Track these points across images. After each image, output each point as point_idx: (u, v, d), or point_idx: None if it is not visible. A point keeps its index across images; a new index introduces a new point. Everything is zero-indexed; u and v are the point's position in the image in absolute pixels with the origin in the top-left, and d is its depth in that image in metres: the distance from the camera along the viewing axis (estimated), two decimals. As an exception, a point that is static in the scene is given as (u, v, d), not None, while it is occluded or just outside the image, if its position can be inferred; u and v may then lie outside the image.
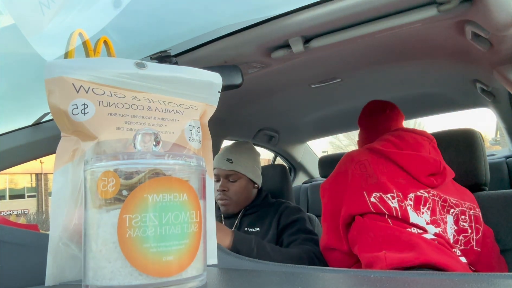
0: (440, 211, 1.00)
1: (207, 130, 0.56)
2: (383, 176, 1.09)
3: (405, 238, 0.94)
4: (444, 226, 0.99)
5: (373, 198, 1.06)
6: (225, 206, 1.45)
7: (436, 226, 0.97)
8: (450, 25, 0.93)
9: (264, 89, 1.45)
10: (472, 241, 0.99)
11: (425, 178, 1.06)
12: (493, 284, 0.35)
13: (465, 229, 0.99)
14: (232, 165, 1.46)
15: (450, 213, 1.02)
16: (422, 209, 0.99)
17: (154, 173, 0.37)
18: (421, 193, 1.03)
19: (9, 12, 0.76)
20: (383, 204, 1.03)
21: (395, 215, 1.00)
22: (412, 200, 1.01)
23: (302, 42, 0.95)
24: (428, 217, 0.98)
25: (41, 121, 1.00)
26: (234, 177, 1.46)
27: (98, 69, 0.48)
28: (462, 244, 0.99)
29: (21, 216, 12.67)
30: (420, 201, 1.01)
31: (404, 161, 1.09)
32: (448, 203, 1.03)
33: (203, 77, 0.55)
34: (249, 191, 1.50)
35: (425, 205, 1.00)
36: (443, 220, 0.99)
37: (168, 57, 0.92)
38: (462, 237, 0.99)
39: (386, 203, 1.03)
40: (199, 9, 0.99)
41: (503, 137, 2.42)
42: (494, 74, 1.13)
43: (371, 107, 1.40)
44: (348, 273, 0.47)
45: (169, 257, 0.36)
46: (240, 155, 1.50)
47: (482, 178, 1.30)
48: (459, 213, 1.02)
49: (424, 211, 0.99)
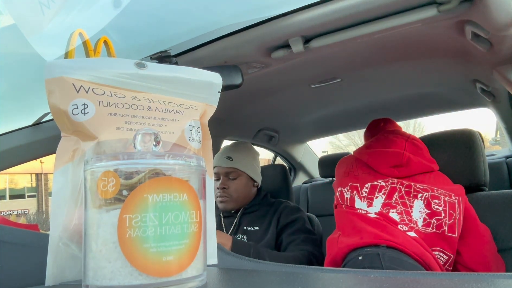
0: (402, 196, 1.17)
1: (207, 130, 0.56)
2: (348, 174, 1.32)
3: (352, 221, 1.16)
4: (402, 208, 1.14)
5: (338, 192, 1.30)
6: (224, 203, 1.45)
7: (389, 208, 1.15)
8: (450, 25, 0.93)
9: (264, 89, 1.45)
10: (444, 225, 1.08)
11: (386, 170, 1.24)
12: (493, 284, 0.35)
13: (439, 212, 1.10)
14: (232, 163, 1.46)
15: (418, 198, 1.15)
16: (377, 195, 1.19)
17: (154, 173, 0.37)
18: (378, 182, 1.22)
19: (9, 12, 0.76)
20: (341, 196, 1.27)
21: (346, 204, 1.24)
22: (368, 188, 1.22)
23: (302, 42, 0.95)
24: (382, 200, 1.17)
25: (41, 121, 1.00)
26: (234, 175, 1.46)
27: (98, 69, 0.48)
28: (434, 227, 1.09)
29: (21, 216, 12.66)
30: (375, 188, 1.21)
31: (368, 158, 1.30)
32: (413, 189, 1.17)
33: (203, 77, 0.55)
34: (249, 189, 1.50)
35: (380, 191, 1.19)
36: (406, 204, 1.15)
37: (168, 57, 0.92)
38: (434, 220, 1.09)
39: (343, 195, 1.26)
40: (199, 9, 0.99)
41: (503, 137, 2.42)
42: (494, 74, 1.13)
43: (369, 125, 1.56)
44: (348, 273, 0.47)
45: (169, 257, 0.36)
46: (239, 153, 1.50)
47: (481, 178, 1.30)
48: (430, 197, 1.13)
49: (379, 196, 1.18)
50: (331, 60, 1.23)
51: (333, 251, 1.13)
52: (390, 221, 1.11)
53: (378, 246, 1.04)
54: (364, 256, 1.02)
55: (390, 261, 0.97)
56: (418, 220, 1.11)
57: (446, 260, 1.07)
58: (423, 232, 1.08)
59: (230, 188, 1.45)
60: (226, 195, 1.45)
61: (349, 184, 1.27)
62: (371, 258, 1.00)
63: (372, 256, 1.01)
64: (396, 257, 1.00)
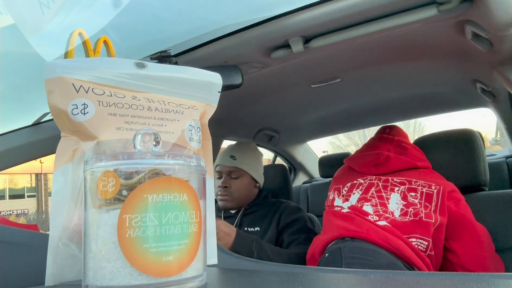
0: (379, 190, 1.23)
1: (207, 130, 0.56)
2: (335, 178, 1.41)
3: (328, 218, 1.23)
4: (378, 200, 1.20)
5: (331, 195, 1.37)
6: (224, 201, 1.45)
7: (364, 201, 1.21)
8: (450, 25, 0.93)
9: (264, 89, 1.45)
10: (421, 213, 1.12)
11: (366, 169, 1.32)
12: (493, 284, 0.35)
13: (415, 204, 1.15)
14: (235, 162, 1.46)
15: (395, 191, 1.21)
16: (354, 191, 1.26)
17: (154, 173, 0.37)
18: (357, 180, 1.30)
19: (9, 12, 0.76)
20: (327, 199, 1.35)
21: (328, 204, 1.32)
22: (348, 187, 1.30)
23: (302, 42, 0.95)
24: (358, 195, 1.24)
25: (41, 121, 1.00)
26: (236, 174, 1.46)
27: (98, 69, 0.48)
28: (412, 215, 1.13)
29: (21, 216, 12.67)
30: (354, 186, 1.28)
31: (352, 161, 1.39)
32: (390, 183, 1.23)
33: (203, 77, 0.55)
34: (250, 190, 1.50)
35: (358, 187, 1.27)
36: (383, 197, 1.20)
37: (168, 57, 0.92)
38: (411, 209, 1.14)
39: (329, 197, 1.35)
40: (199, 9, 0.99)
41: (503, 137, 2.42)
42: (494, 74, 1.13)
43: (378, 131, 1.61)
44: (348, 273, 0.47)
45: (169, 257, 0.36)
46: (243, 153, 1.50)
47: (481, 178, 1.30)
48: (406, 190, 1.19)
49: (356, 192, 1.26)
50: (331, 60, 1.23)
51: (311, 249, 1.19)
52: (360, 213, 1.16)
53: (343, 239, 1.08)
54: (330, 253, 1.05)
55: (350, 252, 1.00)
56: (395, 210, 1.15)
57: (426, 246, 1.09)
58: (400, 221, 1.12)
59: (231, 187, 1.45)
60: (227, 194, 1.45)
61: (334, 186, 1.36)
62: (334, 254, 1.03)
63: (335, 252, 1.03)
64: (358, 246, 1.02)
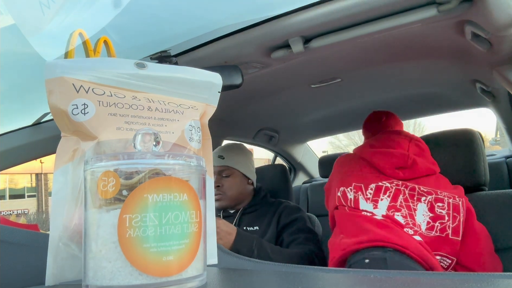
0: (407, 199, 1.13)
1: (207, 130, 0.56)
2: (351, 173, 1.25)
3: (357, 222, 1.10)
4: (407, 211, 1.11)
5: (339, 192, 1.23)
6: (218, 200, 1.46)
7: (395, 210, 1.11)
8: (450, 25, 0.94)
9: (264, 89, 1.45)
10: (448, 228, 1.06)
11: (390, 171, 1.20)
12: (493, 284, 0.35)
13: (442, 216, 1.08)
14: (223, 161, 1.49)
15: (422, 201, 1.11)
16: (382, 197, 1.14)
17: (154, 173, 0.37)
18: (383, 183, 1.18)
19: (9, 12, 0.76)
20: (344, 197, 1.21)
21: (350, 205, 1.18)
22: (373, 189, 1.17)
23: (302, 42, 0.95)
24: (387, 202, 1.13)
25: (41, 121, 1.00)
26: (226, 172, 1.48)
27: (98, 69, 0.48)
28: (438, 230, 1.07)
29: (21, 216, 12.67)
30: (380, 190, 1.16)
31: (372, 157, 1.24)
32: (417, 192, 1.14)
33: (203, 77, 0.55)
34: (243, 187, 1.50)
35: (385, 193, 1.15)
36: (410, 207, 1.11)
37: (168, 57, 0.92)
38: (438, 223, 1.07)
39: (346, 195, 1.20)
40: (199, 9, 0.99)
41: (503, 137, 2.42)
42: (494, 74, 1.13)
43: (370, 117, 1.51)
44: (348, 273, 0.47)
45: (169, 257, 0.36)
46: (231, 151, 1.53)
47: (481, 178, 1.30)
48: (433, 200, 1.11)
49: (384, 198, 1.14)
50: (331, 60, 1.23)
51: (337, 254, 1.10)
52: (396, 224, 1.08)
53: (384, 249, 1.01)
54: (371, 260, 1.00)
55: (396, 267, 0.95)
56: (422, 223, 1.09)
57: (448, 265, 1.06)
58: (426, 235, 1.06)
59: (224, 186, 1.46)
60: (220, 193, 1.46)
61: (353, 184, 1.21)
62: (378, 263, 0.98)
63: (378, 261, 0.98)
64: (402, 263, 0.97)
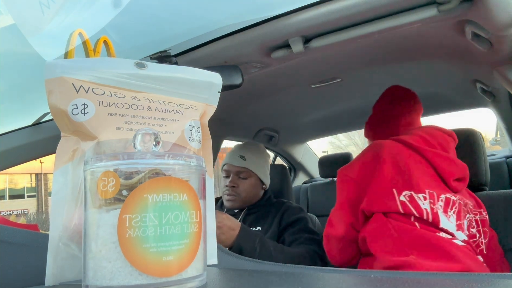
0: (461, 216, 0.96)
1: (207, 130, 0.56)
2: (416, 173, 0.99)
3: (436, 244, 0.88)
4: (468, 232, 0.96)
5: (403, 196, 0.97)
6: (231, 201, 1.46)
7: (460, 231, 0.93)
8: (450, 25, 0.93)
9: (264, 89, 1.45)
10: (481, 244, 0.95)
11: (452, 182, 1.00)
12: (493, 284, 0.35)
13: (474, 235, 0.95)
14: (244, 162, 1.47)
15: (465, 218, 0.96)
16: (449, 213, 0.93)
17: (154, 173, 0.37)
18: (450, 195, 0.96)
19: (9, 12, 0.76)
20: (414, 205, 0.94)
21: (425, 218, 0.92)
22: (443, 202, 0.94)
23: (302, 42, 0.95)
24: (455, 221, 0.92)
25: (41, 121, 1.00)
26: (245, 174, 1.47)
27: (98, 69, 0.48)
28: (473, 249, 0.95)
29: (21, 216, 12.66)
30: (448, 204, 0.94)
31: (438, 161, 1.01)
32: (467, 208, 0.98)
33: (203, 77, 0.55)
34: (257, 191, 1.50)
35: (452, 208, 0.94)
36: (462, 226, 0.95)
37: (168, 57, 0.92)
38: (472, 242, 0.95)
39: (417, 203, 0.94)
40: (199, 9, 0.99)
41: (503, 137, 2.42)
42: (494, 74, 1.13)
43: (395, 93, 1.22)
44: (348, 273, 0.47)
45: (169, 257, 0.36)
46: (253, 154, 1.51)
47: (482, 178, 1.30)
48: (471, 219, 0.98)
49: (451, 215, 0.93)
50: (331, 60, 1.23)
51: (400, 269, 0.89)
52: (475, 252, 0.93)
53: None
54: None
55: None
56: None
57: None
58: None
59: (239, 187, 1.46)
60: (235, 194, 1.45)
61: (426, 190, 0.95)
62: None
63: None
64: None
